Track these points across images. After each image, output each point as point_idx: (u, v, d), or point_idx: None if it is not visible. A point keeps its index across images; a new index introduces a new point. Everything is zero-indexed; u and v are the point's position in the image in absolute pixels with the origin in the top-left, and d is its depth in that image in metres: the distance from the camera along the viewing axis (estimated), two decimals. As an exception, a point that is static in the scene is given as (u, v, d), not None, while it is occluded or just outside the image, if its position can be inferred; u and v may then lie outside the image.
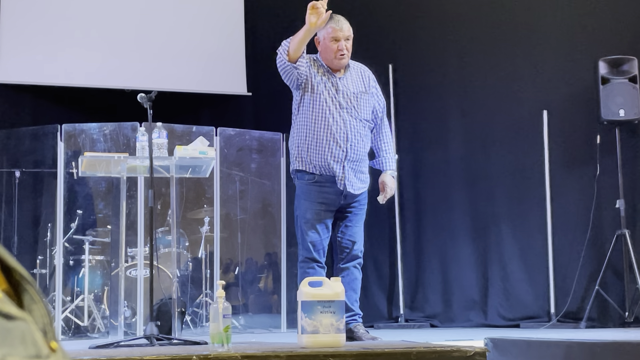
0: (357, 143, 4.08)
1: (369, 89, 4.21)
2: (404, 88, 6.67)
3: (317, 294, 2.99)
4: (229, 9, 7.36)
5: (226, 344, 2.79)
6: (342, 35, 4.07)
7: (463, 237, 6.31)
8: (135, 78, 7.01)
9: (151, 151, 4.18)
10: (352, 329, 3.98)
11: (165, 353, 2.56)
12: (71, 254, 6.07)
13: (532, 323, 5.89)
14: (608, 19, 6.06)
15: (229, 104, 7.42)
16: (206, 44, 7.28)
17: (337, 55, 4.07)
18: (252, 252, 6.89)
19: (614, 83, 5.66)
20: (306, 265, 4.02)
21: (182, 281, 6.22)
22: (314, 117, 4.05)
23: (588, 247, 5.76)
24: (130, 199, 5.55)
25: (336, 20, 4.08)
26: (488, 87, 6.37)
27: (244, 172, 6.67)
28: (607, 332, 5.00)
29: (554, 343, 3.19)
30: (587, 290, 5.74)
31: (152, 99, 4.13)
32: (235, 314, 5.95)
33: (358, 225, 4.14)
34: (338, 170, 4.03)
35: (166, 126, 4.64)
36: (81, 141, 5.91)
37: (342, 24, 4.09)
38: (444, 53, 6.59)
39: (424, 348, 2.63)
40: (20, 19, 6.88)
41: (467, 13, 6.55)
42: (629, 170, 5.77)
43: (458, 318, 6.23)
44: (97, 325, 5.77)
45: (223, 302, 2.86)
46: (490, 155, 6.30)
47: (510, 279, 6.12)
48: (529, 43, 6.27)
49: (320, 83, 4.07)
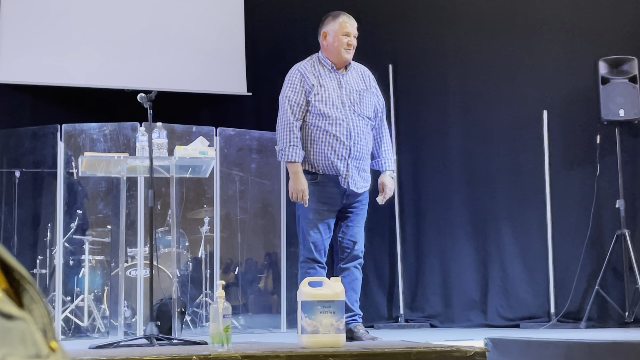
0: (360, 141, 4.08)
1: (370, 88, 4.22)
2: (404, 88, 6.67)
3: (317, 294, 2.99)
4: (229, 9, 7.36)
5: (226, 344, 2.79)
6: (352, 32, 4.15)
7: (463, 237, 6.31)
8: (135, 78, 7.00)
9: (151, 151, 4.18)
10: (352, 329, 3.97)
11: (165, 353, 2.56)
12: (71, 254, 6.07)
13: (532, 323, 5.88)
14: (608, 19, 6.06)
15: (229, 104, 7.42)
16: (206, 44, 7.28)
17: (346, 49, 4.10)
18: (252, 252, 6.89)
19: (614, 83, 5.66)
20: (307, 265, 4.02)
21: (182, 281, 6.22)
22: (316, 115, 4.05)
23: (588, 247, 5.76)
24: (130, 199, 5.55)
25: (347, 16, 4.19)
26: (488, 87, 6.37)
27: (244, 172, 6.67)
28: (607, 332, 5.00)
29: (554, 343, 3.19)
30: (587, 290, 5.74)
31: (152, 99, 4.13)
32: (235, 314, 5.95)
33: (359, 226, 4.14)
34: (342, 168, 4.03)
35: (166, 126, 4.64)
36: (81, 141, 5.91)
37: (352, 20, 4.19)
38: (444, 53, 6.59)
39: (424, 348, 2.63)
40: (21, 19, 6.88)
41: (467, 13, 6.55)
42: (629, 170, 5.77)
43: (458, 318, 6.23)
44: (97, 325, 5.77)
45: (223, 302, 2.86)
46: (490, 155, 6.29)
47: (510, 279, 6.12)
48: (529, 43, 6.27)
49: (324, 80, 4.08)
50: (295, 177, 4.00)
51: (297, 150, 4.01)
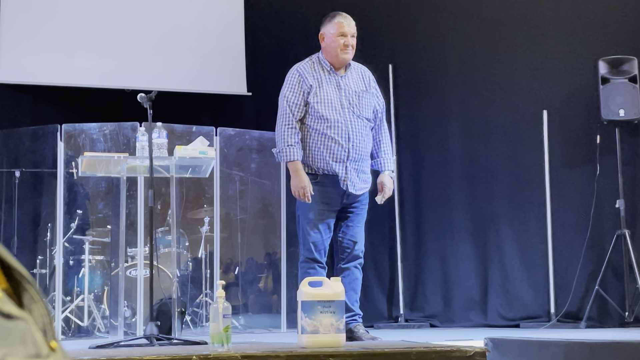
0: (359, 143, 4.08)
1: (370, 89, 4.22)
2: (404, 88, 6.67)
3: (317, 294, 2.99)
4: (229, 9, 7.36)
5: (226, 344, 2.79)
6: (349, 32, 4.12)
7: (463, 237, 6.31)
8: (135, 78, 7.00)
9: (151, 151, 4.18)
10: (352, 329, 3.97)
11: (165, 353, 2.56)
12: (71, 254, 6.07)
13: (532, 323, 5.88)
14: (608, 19, 6.06)
15: (229, 104, 7.42)
16: (206, 44, 7.28)
17: (343, 50, 4.09)
18: (252, 252, 6.90)
19: (614, 83, 5.66)
20: (307, 265, 4.01)
21: (182, 281, 6.22)
22: (315, 117, 4.05)
23: (588, 247, 5.76)
24: (130, 199, 5.55)
25: (343, 16, 4.16)
26: (488, 87, 6.37)
27: (244, 172, 6.67)
28: (607, 332, 5.00)
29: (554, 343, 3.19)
30: (587, 290, 5.74)
31: (152, 99, 4.13)
32: (235, 314, 5.95)
33: (359, 225, 4.14)
34: (340, 171, 4.03)
35: (166, 126, 4.64)
36: (81, 141, 5.91)
37: (349, 20, 4.16)
38: (444, 53, 6.59)
39: (424, 348, 2.63)
40: (21, 19, 6.88)
41: (467, 13, 6.55)
42: (629, 170, 5.77)
43: (458, 318, 6.23)
44: (97, 325, 5.77)
45: (223, 302, 2.86)
46: (490, 155, 6.29)
47: (510, 279, 6.12)
48: (529, 43, 6.27)
49: (323, 82, 4.08)
50: (296, 174, 4.00)
51: (296, 149, 4.01)
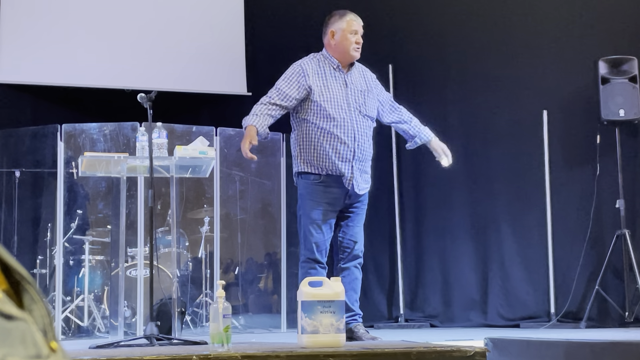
0: (363, 142, 4.07)
1: (371, 88, 4.21)
2: (404, 88, 6.66)
3: (317, 294, 2.99)
4: (229, 9, 7.36)
5: (226, 344, 2.79)
6: (359, 30, 4.15)
7: (463, 237, 6.31)
8: (135, 78, 7.00)
9: (151, 151, 4.18)
10: (352, 329, 3.97)
11: (165, 353, 2.56)
12: (71, 254, 6.07)
13: (532, 323, 5.88)
14: (608, 19, 6.06)
15: (229, 104, 7.41)
16: (206, 44, 7.28)
17: (354, 48, 4.09)
18: (252, 252, 6.89)
19: (614, 83, 5.66)
20: (308, 265, 4.01)
21: (182, 281, 6.22)
22: (321, 116, 4.03)
23: (588, 247, 5.76)
24: (130, 199, 5.55)
25: (354, 14, 4.17)
26: (488, 87, 6.37)
27: (244, 172, 6.67)
28: (607, 332, 5.00)
29: (554, 343, 3.19)
30: (587, 290, 5.74)
31: (152, 99, 4.13)
32: (235, 314, 5.95)
33: (359, 225, 4.14)
34: (346, 170, 4.02)
35: (166, 126, 4.64)
36: (81, 141, 5.91)
37: (358, 19, 4.18)
38: (444, 53, 6.59)
39: (424, 348, 2.63)
40: (21, 19, 6.88)
41: (467, 13, 6.55)
42: (629, 170, 5.77)
43: (458, 318, 6.23)
44: (97, 325, 5.77)
45: (223, 302, 2.86)
46: (490, 155, 6.29)
47: (510, 279, 6.12)
48: (528, 43, 6.27)
49: (329, 80, 4.07)
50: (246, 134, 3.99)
51: (260, 119, 4.00)
